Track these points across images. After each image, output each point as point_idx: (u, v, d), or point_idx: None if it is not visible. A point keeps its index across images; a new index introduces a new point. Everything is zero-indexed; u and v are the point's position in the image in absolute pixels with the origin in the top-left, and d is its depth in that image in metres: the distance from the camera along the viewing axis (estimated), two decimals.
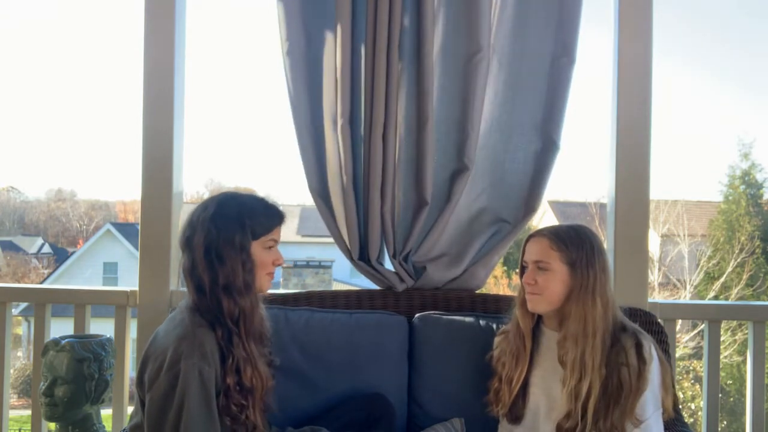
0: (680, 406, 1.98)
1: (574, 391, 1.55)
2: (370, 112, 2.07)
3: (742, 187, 12.84)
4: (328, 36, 2.12)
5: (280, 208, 1.66)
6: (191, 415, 1.39)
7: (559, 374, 1.60)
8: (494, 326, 1.96)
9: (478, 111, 2.09)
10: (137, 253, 2.31)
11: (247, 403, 1.50)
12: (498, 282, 15.17)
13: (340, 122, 2.08)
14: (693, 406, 10.06)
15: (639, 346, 1.54)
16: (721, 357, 9.48)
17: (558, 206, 18.74)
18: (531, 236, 1.69)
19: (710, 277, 12.35)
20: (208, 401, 1.42)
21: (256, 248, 1.56)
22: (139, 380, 1.49)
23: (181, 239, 1.56)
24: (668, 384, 1.59)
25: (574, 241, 1.61)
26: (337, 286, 13.68)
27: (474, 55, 2.06)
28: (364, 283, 2.26)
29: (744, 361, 10.10)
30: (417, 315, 2.05)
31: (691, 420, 9.28)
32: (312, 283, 13.16)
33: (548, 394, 1.64)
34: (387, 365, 1.98)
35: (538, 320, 1.71)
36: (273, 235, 1.60)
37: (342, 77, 2.07)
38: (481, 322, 1.99)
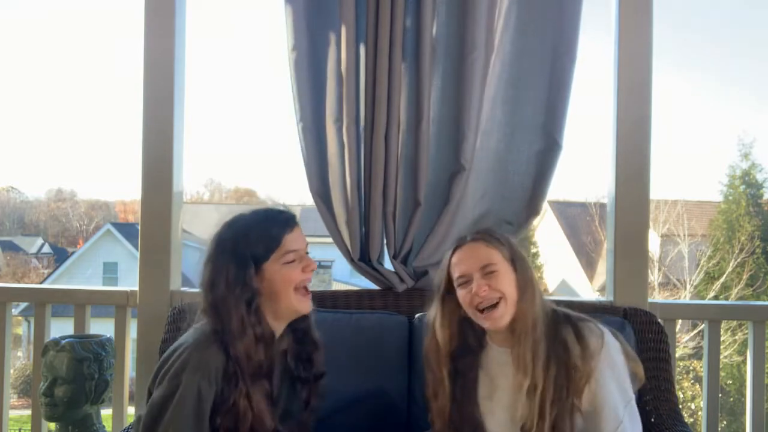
0: (680, 406, 1.98)
1: (527, 391, 1.46)
2: (372, 112, 2.07)
3: (742, 187, 12.84)
4: (332, 37, 2.12)
5: (287, 213, 1.52)
6: (180, 427, 1.38)
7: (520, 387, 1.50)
8: None
9: (476, 111, 2.09)
10: (137, 253, 2.31)
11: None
12: None
13: (345, 122, 2.08)
14: (693, 406, 10.06)
15: (579, 336, 1.47)
16: (721, 357, 9.48)
17: (558, 206, 18.73)
18: (457, 248, 1.58)
19: (710, 277, 12.35)
20: (201, 418, 1.40)
21: (271, 269, 1.46)
22: (155, 374, 1.49)
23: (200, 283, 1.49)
24: (638, 373, 1.52)
25: (499, 237, 1.56)
26: (337, 286, 13.67)
27: (469, 55, 2.06)
28: (364, 283, 2.25)
29: (744, 361, 10.09)
30: (417, 315, 2.05)
31: (691, 420, 9.27)
32: (312, 283, 13.09)
33: (512, 414, 1.52)
34: (387, 365, 1.97)
35: (480, 338, 1.61)
36: (286, 246, 1.46)
37: (347, 77, 2.07)
38: None
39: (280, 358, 1.55)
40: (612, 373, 1.47)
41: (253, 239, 1.46)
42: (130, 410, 2.33)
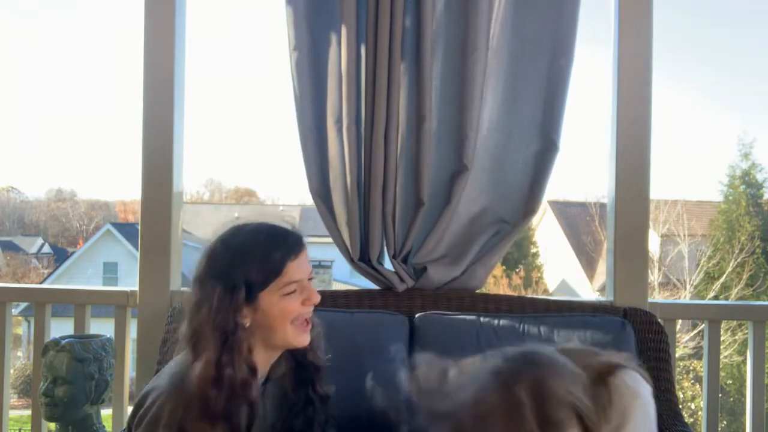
0: (680, 406, 1.98)
1: None
2: (372, 112, 2.07)
3: (742, 187, 12.86)
4: (333, 37, 2.12)
5: (294, 234, 1.35)
6: None
7: None
8: (495, 324, 1.95)
9: (477, 111, 2.09)
10: (137, 253, 2.31)
11: None
12: (498, 282, 15.19)
13: (345, 122, 2.08)
14: (693, 406, 10.07)
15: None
16: (721, 357, 9.48)
17: (558, 206, 18.75)
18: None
19: (710, 277, 12.36)
20: None
21: (267, 300, 1.29)
22: (133, 413, 1.39)
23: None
24: None
25: None
26: (337, 286, 13.67)
27: (471, 55, 2.06)
28: (363, 283, 2.25)
29: (744, 361, 10.09)
30: (418, 314, 2.05)
31: (691, 420, 9.27)
32: (312, 282, 13.14)
33: None
34: (388, 364, 1.97)
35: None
36: (288, 276, 1.30)
37: (348, 77, 2.07)
38: (482, 320, 1.98)
39: (277, 383, 1.44)
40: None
41: (250, 263, 1.29)
42: (131, 410, 2.33)
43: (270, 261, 1.29)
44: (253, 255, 1.29)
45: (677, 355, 3.08)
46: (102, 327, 2.33)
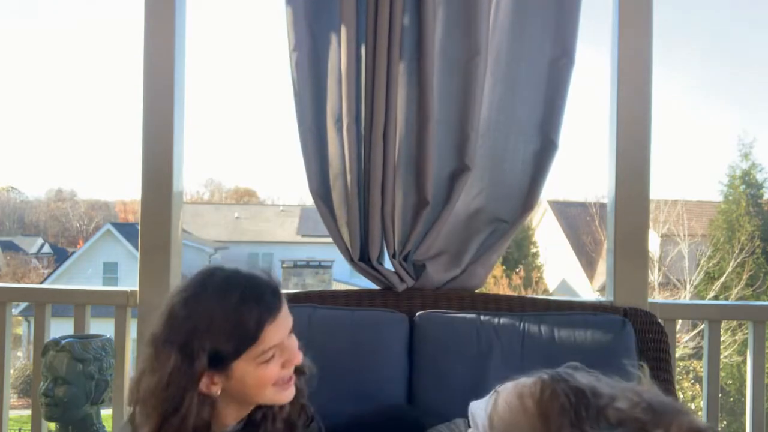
0: None
1: None
2: (371, 111, 2.07)
3: (742, 187, 12.86)
4: (333, 37, 2.12)
5: (271, 284, 1.19)
6: None
7: None
8: (496, 322, 1.96)
9: (478, 111, 2.09)
10: (137, 253, 2.31)
11: None
12: (498, 282, 15.19)
13: (345, 121, 2.08)
14: (693, 406, 10.07)
15: None
16: (721, 357, 9.47)
17: (558, 206, 18.76)
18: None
19: (710, 277, 12.36)
20: None
21: (241, 369, 1.13)
22: None
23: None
24: None
25: None
26: (337, 286, 13.68)
27: (474, 57, 2.06)
28: (364, 283, 2.25)
29: (744, 361, 10.10)
30: (418, 313, 2.05)
31: None
32: (312, 283, 13.17)
33: None
34: (388, 363, 1.98)
35: None
36: (266, 343, 1.13)
37: (348, 77, 2.07)
38: (482, 319, 1.99)
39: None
40: None
41: (218, 332, 1.11)
42: (130, 410, 2.33)
43: (243, 329, 1.12)
44: (221, 323, 1.12)
45: (677, 355, 3.08)
46: (102, 327, 2.33)
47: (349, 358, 1.95)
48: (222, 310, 1.12)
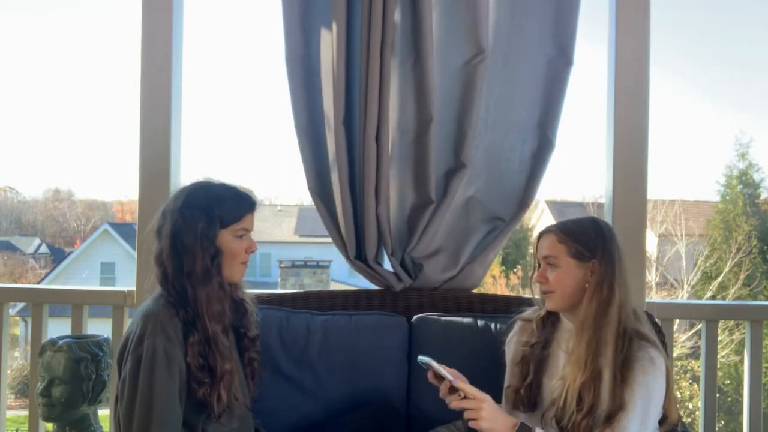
0: (678, 406, 1.98)
1: (567, 382, 1.52)
2: (365, 112, 2.07)
3: (740, 187, 12.87)
4: (327, 37, 2.12)
5: (253, 196, 1.66)
6: (157, 387, 1.45)
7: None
8: (492, 326, 1.95)
9: (477, 110, 2.10)
10: (135, 254, 2.31)
11: (209, 380, 1.52)
12: (496, 282, 15.19)
13: (341, 120, 2.08)
14: (690, 406, 10.08)
15: (651, 363, 1.51)
16: (719, 357, 9.49)
17: (556, 206, 18.76)
18: (541, 233, 1.64)
19: (707, 277, 12.37)
20: (174, 377, 1.48)
21: (226, 237, 1.58)
22: (119, 356, 1.55)
23: (153, 228, 1.60)
24: (670, 416, 1.56)
25: (581, 234, 1.58)
26: (335, 286, 13.67)
27: (474, 57, 2.07)
28: (362, 283, 2.25)
29: (741, 361, 10.12)
30: (416, 316, 2.05)
31: (689, 419, 9.29)
32: (310, 283, 13.13)
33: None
34: (387, 367, 1.97)
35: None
36: (243, 224, 1.60)
37: (340, 77, 2.07)
38: (479, 323, 1.98)
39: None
40: (644, 393, 1.49)
41: (224, 205, 1.58)
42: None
43: (238, 207, 1.60)
44: (227, 201, 1.59)
45: (674, 354, 3.08)
46: (99, 327, 2.33)
47: (348, 363, 1.95)
48: (226, 194, 1.61)
